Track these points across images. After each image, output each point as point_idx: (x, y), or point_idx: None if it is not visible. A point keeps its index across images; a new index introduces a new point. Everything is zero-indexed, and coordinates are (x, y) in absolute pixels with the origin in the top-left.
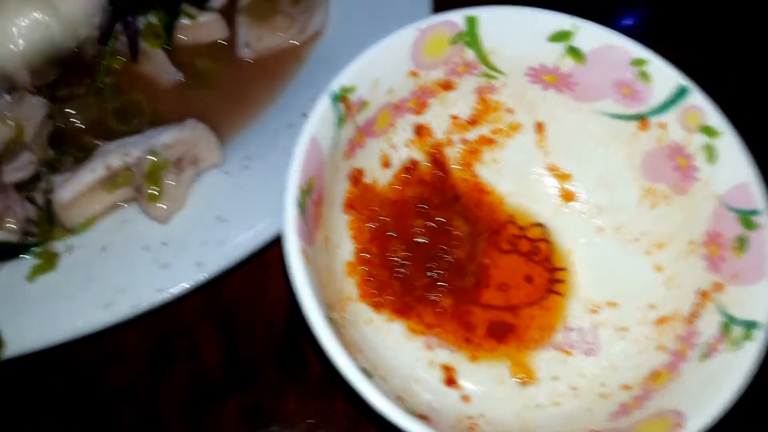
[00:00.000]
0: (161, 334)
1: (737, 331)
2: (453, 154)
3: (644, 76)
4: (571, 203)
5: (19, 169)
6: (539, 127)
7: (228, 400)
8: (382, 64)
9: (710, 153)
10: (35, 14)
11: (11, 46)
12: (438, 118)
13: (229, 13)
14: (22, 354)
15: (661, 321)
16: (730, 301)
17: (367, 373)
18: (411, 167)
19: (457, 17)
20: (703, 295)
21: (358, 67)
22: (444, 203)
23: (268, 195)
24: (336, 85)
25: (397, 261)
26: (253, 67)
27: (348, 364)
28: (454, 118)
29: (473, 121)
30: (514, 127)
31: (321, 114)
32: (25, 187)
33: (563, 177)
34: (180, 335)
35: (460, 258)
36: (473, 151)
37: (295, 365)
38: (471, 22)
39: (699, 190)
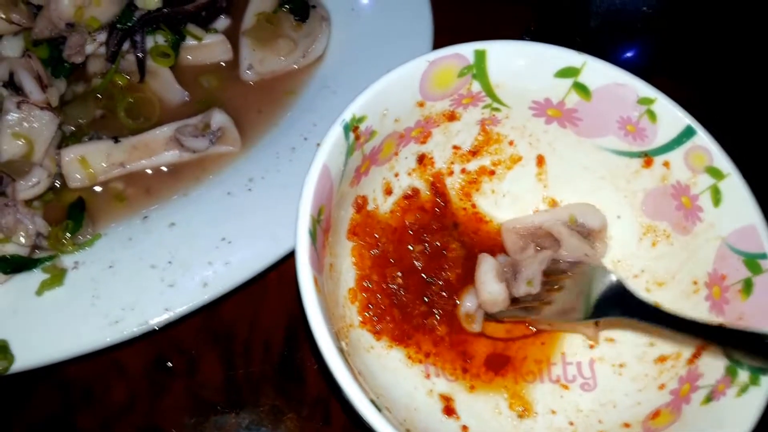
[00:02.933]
0: (160, 352)
1: (743, 375)
2: (453, 184)
3: (651, 114)
4: None
5: (34, 186)
6: (540, 160)
7: (226, 419)
8: (391, 95)
9: (716, 194)
10: None
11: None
12: (440, 147)
13: (233, 36)
14: (29, 369)
15: (661, 359)
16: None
17: (376, 406)
18: (412, 195)
19: (466, 50)
20: None
21: (369, 97)
22: (442, 229)
23: (271, 217)
24: (348, 114)
25: (395, 288)
26: (255, 90)
27: (360, 397)
28: (456, 148)
29: (474, 152)
30: (515, 159)
31: (333, 143)
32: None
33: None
34: (179, 353)
35: (451, 280)
36: (473, 182)
37: (293, 387)
38: (480, 55)
39: (703, 230)
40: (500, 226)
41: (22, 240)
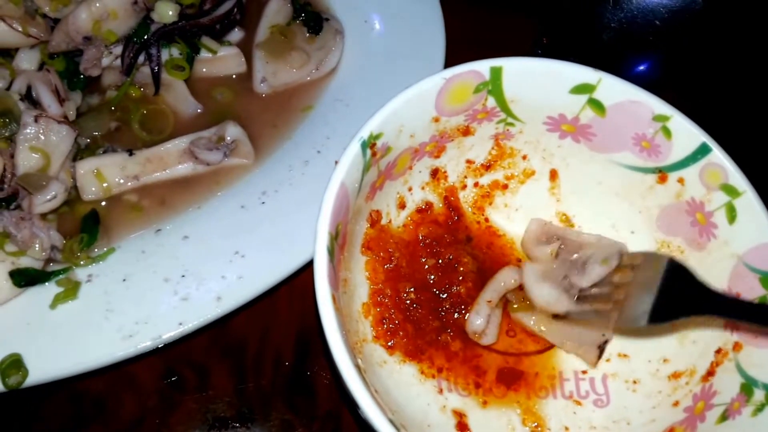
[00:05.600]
0: (172, 365)
1: (759, 394)
2: (466, 198)
3: (666, 131)
4: None
5: (50, 200)
6: (553, 175)
7: None
8: (407, 111)
9: (731, 212)
10: None
11: None
12: (454, 162)
13: (246, 48)
14: (42, 383)
15: (675, 376)
16: (750, 362)
17: (395, 426)
18: (425, 209)
19: (482, 67)
20: (721, 353)
21: (386, 115)
22: (455, 242)
23: (284, 231)
24: (366, 132)
25: (408, 303)
26: (269, 102)
27: (379, 417)
28: (470, 162)
29: (488, 166)
30: (528, 174)
31: (350, 160)
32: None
33: (574, 225)
34: (190, 366)
35: (462, 294)
36: (486, 195)
37: (303, 401)
38: (496, 72)
39: (717, 247)
40: (512, 241)
41: (38, 253)
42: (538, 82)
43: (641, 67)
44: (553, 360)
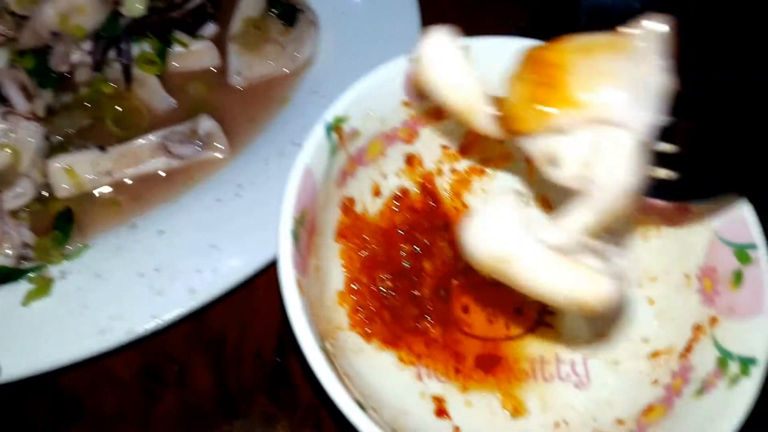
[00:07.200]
0: (151, 361)
1: (734, 366)
2: (443, 184)
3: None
4: None
5: (19, 196)
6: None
7: (218, 427)
8: (375, 94)
9: None
10: None
11: None
12: (428, 147)
13: (220, 42)
14: (16, 380)
15: (655, 355)
16: (726, 336)
17: (361, 405)
18: (401, 196)
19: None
20: (698, 329)
21: (351, 97)
22: (432, 228)
23: (260, 223)
24: (330, 115)
25: (385, 291)
26: (244, 95)
27: (344, 396)
28: (445, 147)
29: (464, 151)
30: (505, 157)
31: (315, 144)
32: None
33: (554, 208)
34: (170, 361)
35: (437, 277)
36: (463, 181)
37: (285, 393)
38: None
39: (693, 223)
40: None
41: (8, 251)
42: (508, 61)
43: None
44: (533, 344)
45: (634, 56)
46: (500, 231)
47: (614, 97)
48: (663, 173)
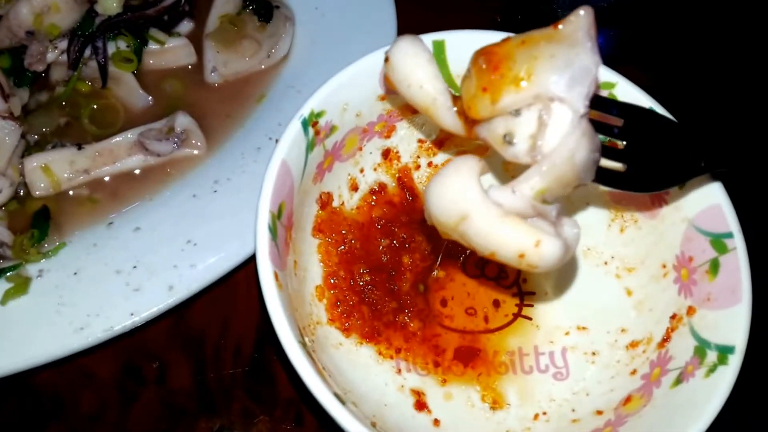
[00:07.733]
0: (130, 358)
1: (711, 355)
2: (421, 178)
3: (613, 98)
4: None
5: None
6: None
7: (198, 424)
8: (351, 89)
9: None
10: None
11: None
12: (405, 141)
13: (196, 39)
14: None
15: (633, 345)
16: (703, 325)
17: (340, 399)
18: (378, 190)
19: (424, 42)
20: (676, 318)
21: (327, 92)
22: (410, 222)
23: (237, 218)
24: (306, 109)
25: (363, 285)
26: (221, 91)
27: (322, 390)
28: (421, 142)
29: (440, 144)
30: (482, 151)
31: (291, 139)
32: None
33: None
34: (149, 359)
35: (414, 274)
36: None
37: (264, 389)
38: (438, 46)
39: (669, 213)
40: None
41: None
42: None
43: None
44: (512, 336)
45: (569, 42)
46: (460, 189)
47: (553, 76)
48: (612, 165)
